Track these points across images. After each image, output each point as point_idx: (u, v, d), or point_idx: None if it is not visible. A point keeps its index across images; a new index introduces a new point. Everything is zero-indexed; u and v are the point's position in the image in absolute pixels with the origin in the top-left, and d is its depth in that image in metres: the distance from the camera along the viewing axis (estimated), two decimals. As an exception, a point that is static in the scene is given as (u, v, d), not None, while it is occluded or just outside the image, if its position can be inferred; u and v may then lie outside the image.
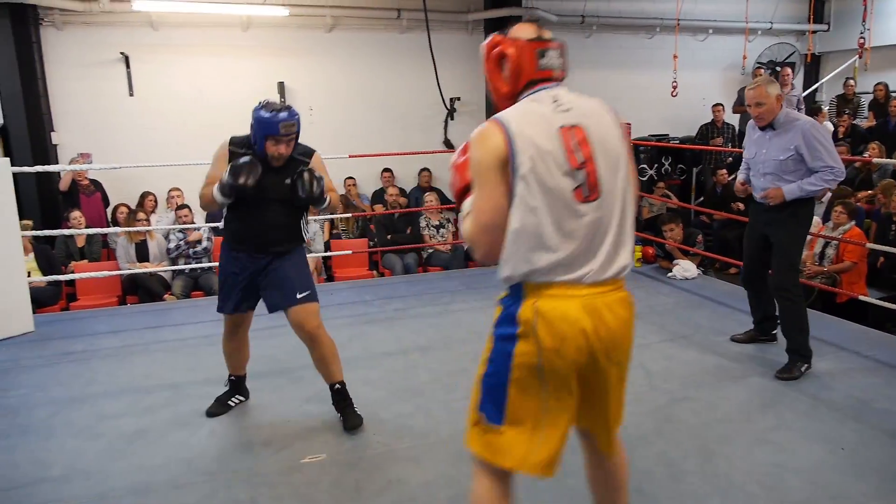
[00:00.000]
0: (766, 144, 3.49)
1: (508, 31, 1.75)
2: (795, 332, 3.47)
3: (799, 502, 2.39)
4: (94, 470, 2.71)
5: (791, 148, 3.37)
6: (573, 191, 1.58)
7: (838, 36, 10.20)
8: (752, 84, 3.48)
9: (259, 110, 2.79)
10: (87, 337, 4.34)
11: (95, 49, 7.13)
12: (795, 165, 3.38)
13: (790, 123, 3.41)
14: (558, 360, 1.59)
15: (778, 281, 3.52)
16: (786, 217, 3.46)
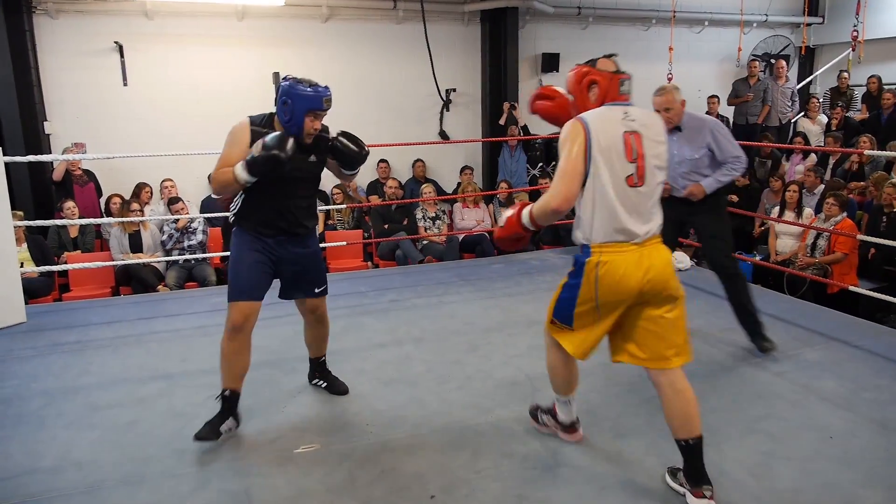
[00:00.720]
0: (678, 146, 3.70)
1: (595, 64, 2.43)
2: (746, 302, 3.69)
3: (788, 490, 2.41)
4: (86, 461, 2.71)
5: (703, 146, 3.67)
6: (627, 177, 2.25)
7: (832, 29, 10.22)
8: (660, 91, 3.75)
9: (296, 86, 2.72)
10: (80, 328, 4.34)
11: (89, 38, 7.08)
12: (708, 161, 3.69)
13: (696, 124, 3.72)
14: (612, 297, 2.30)
15: (718, 263, 3.78)
16: (708, 207, 3.75)
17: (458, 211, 7.34)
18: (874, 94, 8.13)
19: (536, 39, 9.06)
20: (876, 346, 3.70)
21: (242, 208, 2.88)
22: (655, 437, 2.79)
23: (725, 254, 3.76)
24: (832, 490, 2.41)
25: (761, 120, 8.59)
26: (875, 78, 8.21)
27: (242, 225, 2.88)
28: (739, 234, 7.15)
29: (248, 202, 2.85)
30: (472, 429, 2.90)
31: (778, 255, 6.09)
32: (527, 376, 3.43)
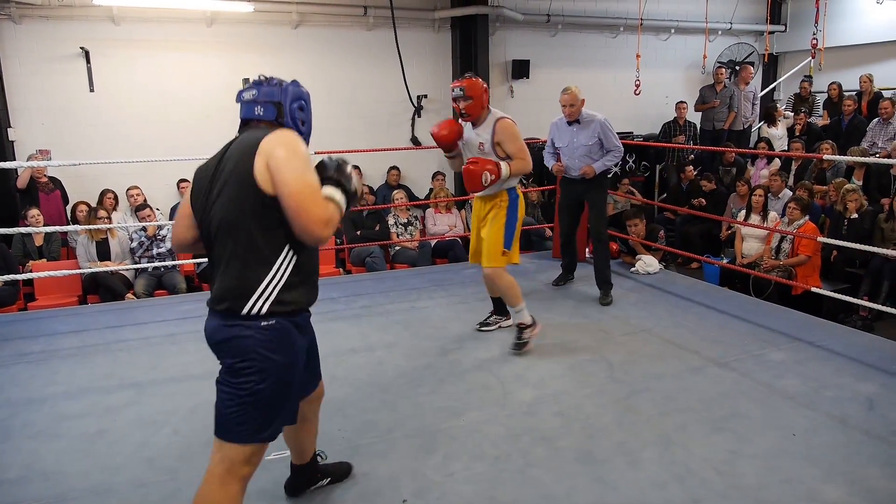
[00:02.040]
0: (576, 135, 4.73)
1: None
2: (606, 267, 4.80)
3: (752, 486, 2.47)
4: (52, 471, 2.67)
5: (595, 136, 4.66)
6: None
7: (795, 36, 10.49)
8: (566, 90, 4.64)
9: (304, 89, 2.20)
10: (46, 337, 4.26)
11: (54, 43, 6.96)
12: (597, 148, 4.69)
13: (589, 119, 4.68)
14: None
15: (598, 230, 4.86)
16: (596, 185, 4.80)
17: (431, 216, 7.36)
18: (835, 100, 8.36)
19: (506, 46, 9.14)
20: (837, 346, 3.81)
21: (292, 276, 1.91)
22: (625, 437, 2.84)
23: (604, 224, 4.88)
24: (795, 485, 2.48)
25: (728, 125, 8.78)
26: (836, 85, 8.44)
27: (286, 308, 1.90)
28: (707, 238, 7.30)
29: (298, 262, 1.94)
30: (445, 432, 2.92)
31: (744, 258, 6.23)
32: (498, 379, 3.46)
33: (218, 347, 1.90)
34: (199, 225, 1.96)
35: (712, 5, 8.90)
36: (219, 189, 1.88)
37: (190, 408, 3.20)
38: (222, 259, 1.88)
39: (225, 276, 1.86)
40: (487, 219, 3.75)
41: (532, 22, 9.07)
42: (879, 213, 5.93)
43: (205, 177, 1.95)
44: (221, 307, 1.86)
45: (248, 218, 1.84)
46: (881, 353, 3.71)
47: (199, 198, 1.94)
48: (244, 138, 1.93)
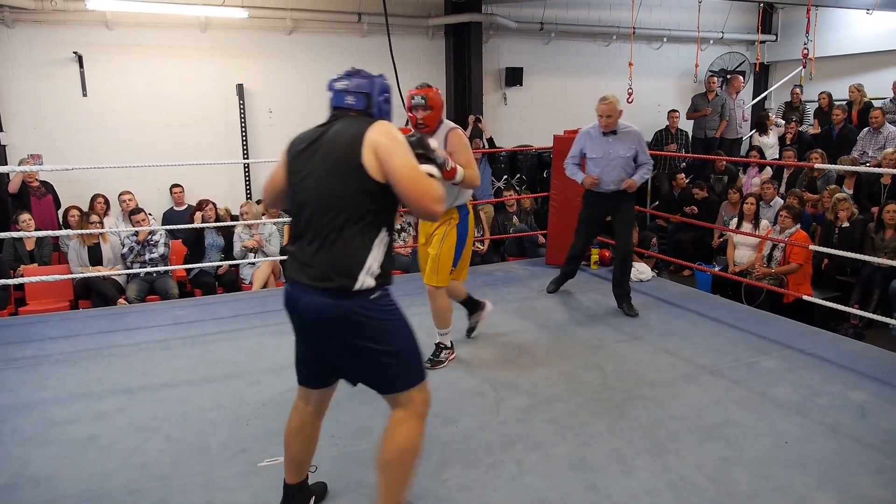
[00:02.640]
0: (612, 146, 4.50)
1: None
2: (628, 281, 4.72)
3: (745, 494, 2.48)
4: (43, 477, 2.65)
5: (633, 148, 4.49)
6: None
7: (786, 46, 10.59)
8: (605, 100, 4.42)
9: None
10: (37, 342, 4.23)
11: (47, 48, 6.95)
12: (632, 161, 4.51)
13: (627, 131, 4.50)
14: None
15: (626, 246, 4.68)
16: (628, 199, 4.62)
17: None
18: (825, 109, 8.43)
19: (500, 54, 9.18)
20: (829, 354, 3.83)
21: (387, 253, 2.08)
22: (618, 444, 2.84)
23: (631, 239, 4.73)
24: (787, 493, 2.49)
25: (719, 134, 8.84)
26: (826, 94, 8.52)
27: (385, 280, 2.07)
28: (699, 245, 7.34)
29: (390, 240, 2.11)
30: (438, 439, 2.91)
31: (736, 266, 6.26)
32: (492, 386, 3.46)
33: (329, 324, 1.99)
34: (293, 201, 2.09)
35: (704, 15, 8.99)
36: (320, 173, 2.01)
37: (182, 413, 3.19)
38: (324, 239, 1.98)
39: (329, 256, 1.97)
40: (436, 235, 3.60)
41: (525, 30, 9.13)
42: (870, 221, 5.98)
43: (300, 157, 2.08)
44: (330, 285, 1.96)
45: (354, 203, 1.97)
46: (872, 361, 3.73)
47: (296, 176, 2.08)
48: (343, 128, 2.05)
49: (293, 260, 2.07)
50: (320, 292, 1.98)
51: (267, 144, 7.93)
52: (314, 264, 1.99)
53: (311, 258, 2.00)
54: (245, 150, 7.84)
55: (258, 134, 7.93)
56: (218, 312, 4.80)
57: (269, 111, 7.98)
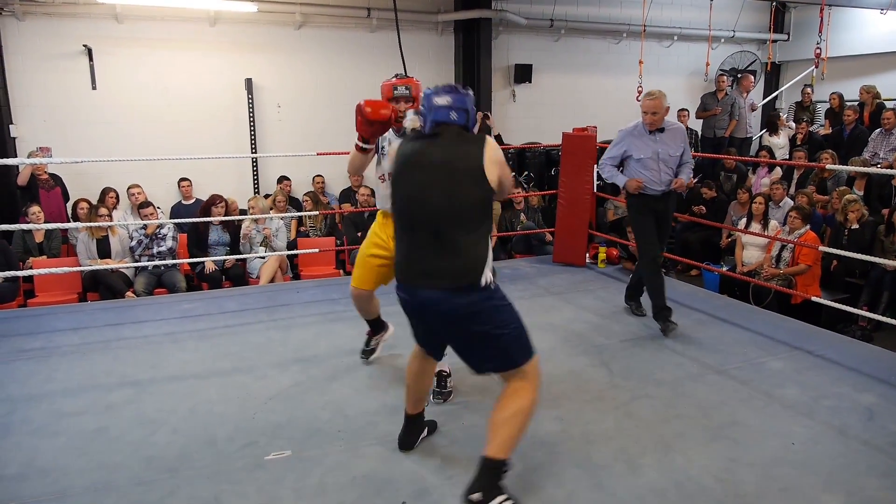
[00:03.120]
0: (660, 145, 4.16)
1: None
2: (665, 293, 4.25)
3: (751, 495, 2.47)
4: (51, 468, 2.67)
5: (681, 145, 4.20)
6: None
7: (797, 46, 10.52)
8: (651, 95, 4.11)
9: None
10: (46, 334, 4.25)
11: (57, 41, 6.98)
12: (678, 159, 4.20)
13: (674, 127, 4.24)
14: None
15: (661, 251, 4.34)
16: (673, 201, 4.35)
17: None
18: (836, 110, 8.38)
19: (509, 50, 9.16)
20: (837, 356, 3.81)
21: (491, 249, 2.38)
22: (624, 443, 2.84)
23: (665, 247, 4.46)
24: (794, 495, 2.48)
25: (728, 133, 8.80)
26: (836, 95, 8.47)
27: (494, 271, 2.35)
28: (707, 245, 7.31)
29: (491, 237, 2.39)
30: (444, 435, 2.92)
31: (744, 266, 6.23)
32: (498, 381, 3.45)
33: (461, 319, 2.24)
34: (409, 210, 2.30)
35: (716, 13, 8.94)
36: (447, 186, 2.23)
37: (189, 406, 3.20)
38: (452, 244, 2.22)
39: (458, 259, 2.22)
40: None
41: (535, 26, 9.10)
42: (880, 223, 5.94)
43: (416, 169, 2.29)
44: (460, 283, 2.21)
45: (477, 208, 2.25)
46: (880, 363, 3.71)
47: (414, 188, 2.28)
48: (457, 143, 2.29)
49: (410, 266, 2.29)
50: (450, 292, 2.21)
51: (275, 139, 7.94)
52: (442, 268, 2.22)
53: (436, 263, 2.23)
54: (253, 145, 7.86)
55: (266, 128, 7.94)
56: (225, 306, 4.81)
57: (277, 106, 7.99)
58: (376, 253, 3.34)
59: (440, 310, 2.25)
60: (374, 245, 3.35)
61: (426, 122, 2.35)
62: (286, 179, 7.74)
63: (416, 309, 2.35)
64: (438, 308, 2.25)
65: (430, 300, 2.25)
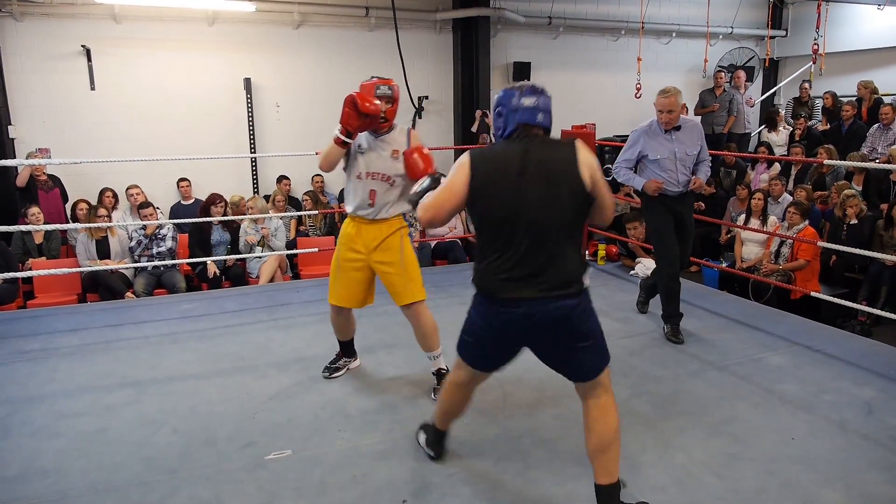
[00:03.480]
0: (678, 144, 3.99)
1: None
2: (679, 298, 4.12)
3: (752, 490, 2.47)
4: (52, 469, 2.67)
5: (698, 143, 4.03)
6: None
7: (795, 42, 10.51)
8: (666, 93, 3.91)
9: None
10: (45, 335, 4.26)
11: (55, 41, 6.97)
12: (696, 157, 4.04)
13: (690, 124, 4.06)
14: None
15: (686, 261, 4.21)
16: (692, 201, 4.20)
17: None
18: (830, 108, 8.41)
19: (508, 48, 9.15)
20: (836, 351, 3.81)
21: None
22: (624, 440, 2.83)
23: (690, 252, 4.26)
24: (793, 489, 2.48)
25: (727, 130, 8.80)
26: (829, 94, 8.50)
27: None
28: (706, 241, 7.31)
29: None
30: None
31: (743, 262, 6.23)
32: (498, 381, 3.45)
33: (568, 324, 2.17)
34: (506, 220, 2.13)
35: (714, 9, 8.92)
36: (545, 194, 2.12)
37: (189, 407, 3.20)
38: (556, 252, 2.14)
39: (563, 265, 2.14)
40: (389, 248, 3.18)
41: (533, 24, 9.09)
42: (879, 218, 5.94)
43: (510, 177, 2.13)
44: (568, 291, 2.15)
45: (580, 216, 2.19)
46: (880, 358, 3.71)
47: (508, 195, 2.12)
48: (549, 149, 2.18)
49: (515, 279, 2.13)
50: (557, 300, 2.13)
51: (274, 138, 7.93)
52: (547, 276, 2.12)
53: (537, 272, 2.12)
54: (252, 145, 7.85)
55: (265, 128, 7.93)
56: (225, 306, 4.81)
57: (276, 105, 7.98)
58: (353, 258, 3.18)
59: (553, 318, 2.14)
60: (350, 250, 3.19)
61: (507, 123, 2.21)
62: (285, 179, 7.73)
63: (517, 322, 2.16)
64: (552, 317, 2.14)
65: (542, 310, 2.13)
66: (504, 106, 2.21)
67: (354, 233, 3.20)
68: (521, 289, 2.12)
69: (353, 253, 3.20)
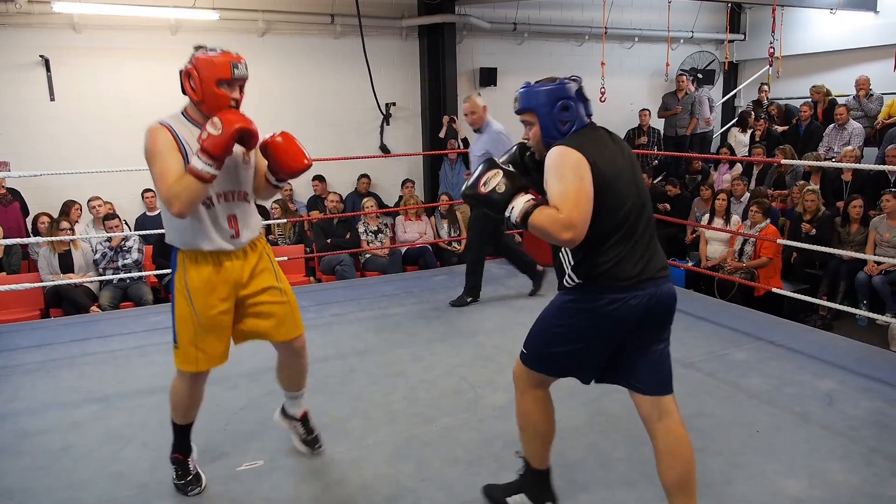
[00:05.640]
0: (478, 146, 4.63)
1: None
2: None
3: (718, 483, 2.53)
4: (16, 488, 2.61)
5: (487, 149, 4.45)
6: None
7: (753, 45, 10.79)
8: (466, 97, 4.63)
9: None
10: (7, 352, 4.15)
11: (12, 51, 6.82)
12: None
13: (488, 129, 4.61)
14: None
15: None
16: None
17: (401, 224, 7.37)
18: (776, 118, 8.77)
19: (474, 54, 9.22)
20: (798, 345, 3.92)
21: None
22: (595, 438, 2.88)
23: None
24: (758, 481, 2.54)
25: (689, 132, 8.98)
26: (774, 106, 8.89)
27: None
28: (672, 242, 7.44)
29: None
30: (418, 438, 2.93)
31: (708, 261, 6.36)
32: (470, 385, 3.48)
33: (671, 311, 2.17)
34: (632, 207, 2.04)
35: (674, 15, 9.11)
36: (638, 178, 2.11)
37: (159, 420, 3.15)
38: (652, 234, 2.12)
39: (659, 247, 2.15)
40: (264, 272, 2.53)
41: (499, 30, 9.18)
42: (836, 216, 6.12)
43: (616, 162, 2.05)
44: (667, 273, 2.14)
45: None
46: (839, 350, 3.83)
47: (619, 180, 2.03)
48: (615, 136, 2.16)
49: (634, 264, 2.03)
50: (668, 280, 2.14)
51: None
52: (658, 258, 2.11)
53: (653, 253, 2.09)
54: (218, 154, 7.76)
55: (231, 137, 7.85)
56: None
57: (242, 114, 7.92)
58: (221, 308, 2.41)
59: (670, 297, 2.14)
60: (216, 300, 2.39)
61: (576, 114, 2.08)
62: (253, 188, 7.66)
63: (640, 307, 2.06)
64: (669, 295, 2.13)
65: (662, 291, 2.10)
66: (570, 98, 2.08)
67: (212, 275, 2.37)
68: (646, 271, 2.05)
69: (219, 302, 2.39)
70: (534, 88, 2.13)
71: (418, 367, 3.76)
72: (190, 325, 2.40)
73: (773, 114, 8.80)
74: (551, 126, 2.09)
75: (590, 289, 2.06)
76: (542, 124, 2.10)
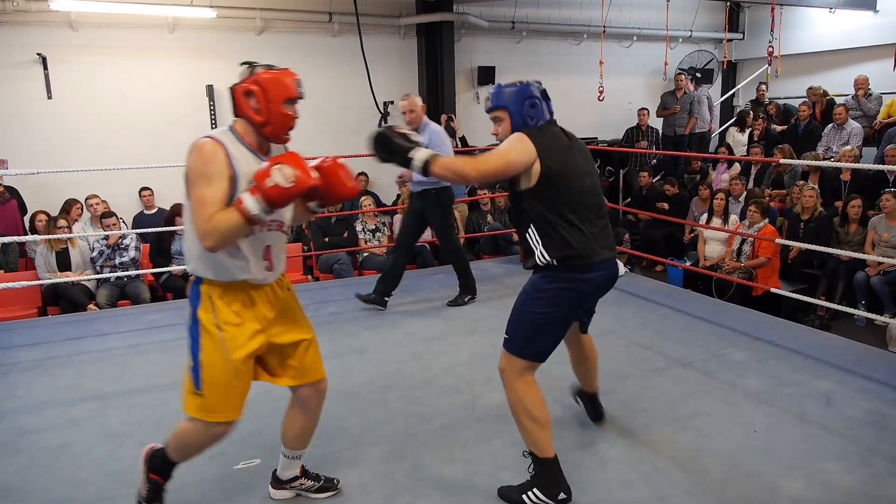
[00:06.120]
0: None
1: None
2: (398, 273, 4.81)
3: (716, 482, 2.53)
4: (13, 487, 2.60)
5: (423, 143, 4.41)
6: None
7: (752, 44, 10.79)
8: (405, 95, 4.62)
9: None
10: (4, 350, 4.14)
11: (10, 50, 6.80)
12: None
13: (425, 128, 4.60)
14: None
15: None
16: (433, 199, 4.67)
17: (399, 222, 7.35)
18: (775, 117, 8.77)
19: (472, 53, 9.21)
20: (796, 345, 3.91)
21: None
22: (592, 437, 2.88)
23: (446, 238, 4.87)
24: (756, 480, 2.54)
25: (688, 131, 8.98)
26: (773, 105, 8.88)
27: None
28: (670, 241, 7.45)
29: None
30: (415, 437, 2.93)
31: (706, 261, 6.36)
32: (468, 384, 3.48)
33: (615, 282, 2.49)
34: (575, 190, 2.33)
35: (673, 13, 9.11)
36: (592, 171, 2.46)
37: (156, 419, 3.15)
38: (605, 219, 2.44)
39: (611, 230, 2.46)
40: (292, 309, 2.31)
41: (497, 29, 9.17)
42: (834, 216, 6.12)
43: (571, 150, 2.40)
44: (615, 252, 2.46)
45: None
46: (837, 350, 3.83)
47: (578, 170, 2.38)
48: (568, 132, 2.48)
49: (603, 243, 2.36)
50: (615, 259, 2.45)
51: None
52: (610, 239, 2.42)
53: (607, 235, 2.41)
54: (216, 152, 7.75)
55: (229, 135, 7.84)
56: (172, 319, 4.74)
57: (239, 112, 7.90)
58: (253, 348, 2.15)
59: (615, 274, 2.45)
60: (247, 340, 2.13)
61: (543, 112, 2.38)
62: (251, 186, 7.65)
63: (602, 285, 2.41)
64: (614, 273, 2.45)
65: (613, 269, 2.43)
66: (536, 97, 2.37)
67: (242, 311, 2.13)
68: (604, 250, 2.36)
69: (249, 342, 2.13)
70: (505, 89, 2.40)
71: (416, 365, 3.75)
72: (219, 368, 2.10)
73: (772, 113, 8.82)
74: (520, 121, 2.36)
75: (563, 268, 2.32)
76: (512, 120, 2.38)
